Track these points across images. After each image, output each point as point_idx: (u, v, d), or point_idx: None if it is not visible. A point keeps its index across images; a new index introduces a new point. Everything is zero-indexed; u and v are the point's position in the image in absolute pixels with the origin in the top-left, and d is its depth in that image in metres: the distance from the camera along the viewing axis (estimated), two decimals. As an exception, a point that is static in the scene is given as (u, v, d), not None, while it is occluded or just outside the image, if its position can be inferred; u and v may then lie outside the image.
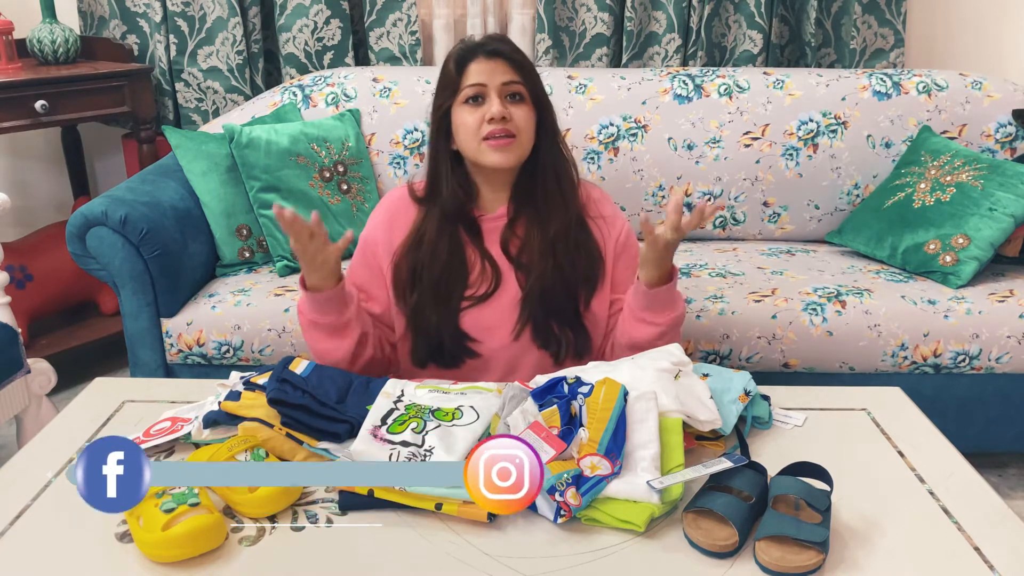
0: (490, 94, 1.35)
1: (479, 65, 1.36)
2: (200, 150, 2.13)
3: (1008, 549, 1.02)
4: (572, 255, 1.42)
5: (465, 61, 1.37)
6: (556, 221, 1.41)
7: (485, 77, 1.35)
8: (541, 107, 1.40)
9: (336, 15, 2.58)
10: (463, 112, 1.36)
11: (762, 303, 1.92)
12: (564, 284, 1.41)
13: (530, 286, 1.41)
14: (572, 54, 2.68)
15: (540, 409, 1.12)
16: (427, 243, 1.41)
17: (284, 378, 1.21)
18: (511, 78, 1.36)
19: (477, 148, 1.36)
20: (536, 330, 1.42)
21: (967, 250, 1.99)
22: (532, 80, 1.38)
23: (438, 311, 1.40)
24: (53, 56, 2.45)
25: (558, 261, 1.41)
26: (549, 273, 1.40)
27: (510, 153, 1.36)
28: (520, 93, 1.37)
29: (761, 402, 1.29)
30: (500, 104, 1.34)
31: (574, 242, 1.42)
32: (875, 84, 2.36)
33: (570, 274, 1.41)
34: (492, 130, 1.34)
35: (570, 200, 1.44)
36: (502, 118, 1.33)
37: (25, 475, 1.15)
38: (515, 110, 1.36)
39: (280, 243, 2.08)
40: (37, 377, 1.93)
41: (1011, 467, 2.16)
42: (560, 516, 1.04)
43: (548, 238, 1.41)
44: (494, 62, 1.36)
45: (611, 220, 1.48)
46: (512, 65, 1.36)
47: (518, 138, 1.36)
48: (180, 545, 0.97)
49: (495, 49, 1.36)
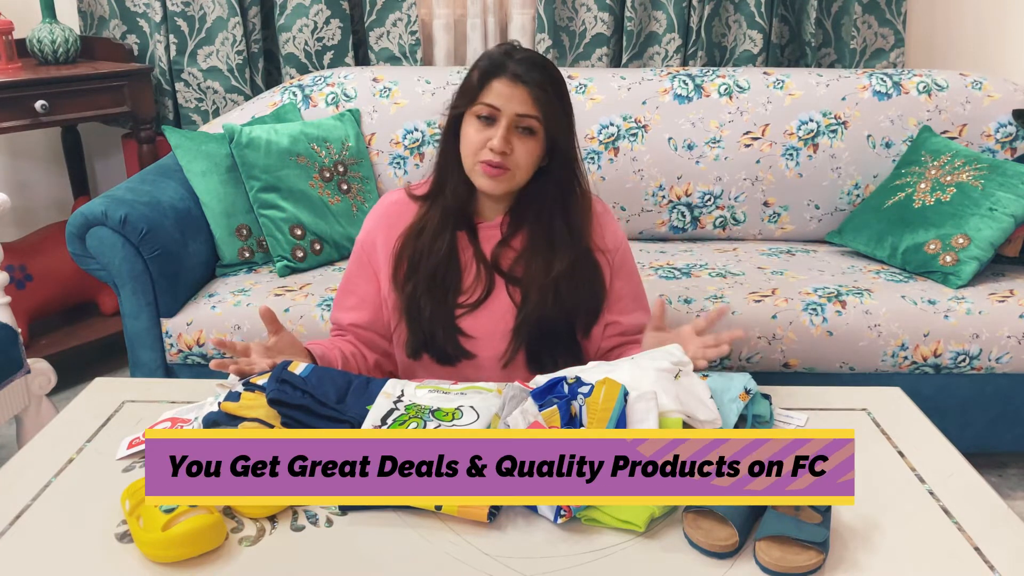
0: (501, 120, 1.31)
1: (500, 86, 1.31)
2: (200, 150, 2.13)
3: (1008, 549, 1.02)
4: (576, 291, 1.41)
5: (489, 77, 1.32)
6: (561, 257, 1.39)
7: (502, 101, 1.31)
8: (556, 139, 1.36)
9: (336, 15, 2.58)
10: (472, 125, 1.34)
11: (762, 303, 1.92)
12: (565, 317, 1.41)
13: (525, 315, 1.40)
14: (572, 54, 2.68)
15: (540, 409, 1.12)
16: (427, 235, 1.41)
17: (284, 378, 1.21)
18: (527, 111, 1.31)
19: (472, 166, 1.35)
20: (530, 356, 1.42)
21: (967, 250, 1.99)
22: (550, 115, 1.33)
23: (432, 303, 1.40)
24: (53, 56, 2.45)
25: (560, 296, 1.39)
26: (550, 306, 1.39)
27: (500, 183, 1.34)
28: (532, 128, 1.33)
29: (762, 401, 1.29)
30: (504, 136, 1.30)
31: (579, 279, 1.41)
32: (875, 84, 2.36)
33: (572, 308, 1.41)
34: (489, 158, 1.32)
35: (577, 235, 1.41)
36: (502, 152, 1.31)
37: (25, 475, 1.16)
38: (520, 144, 1.32)
39: (280, 243, 2.08)
40: (37, 377, 1.93)
41: (1011, 467, 2.16)
42: (560, 516, 1.04)
43: (551, 273, 1.39)
44: (516, 88, 1.31)
45: (612, 248, 1.46)
46: (532, 97, 1.31)
47: (511, 172, 1.33)
48: (180, 545, 0.97)
49: (519, 75, 1.31)
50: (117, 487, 1.09)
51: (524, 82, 1.31)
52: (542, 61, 1.35)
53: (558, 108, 1.35)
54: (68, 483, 1.14)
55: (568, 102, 1.38)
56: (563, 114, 1.36)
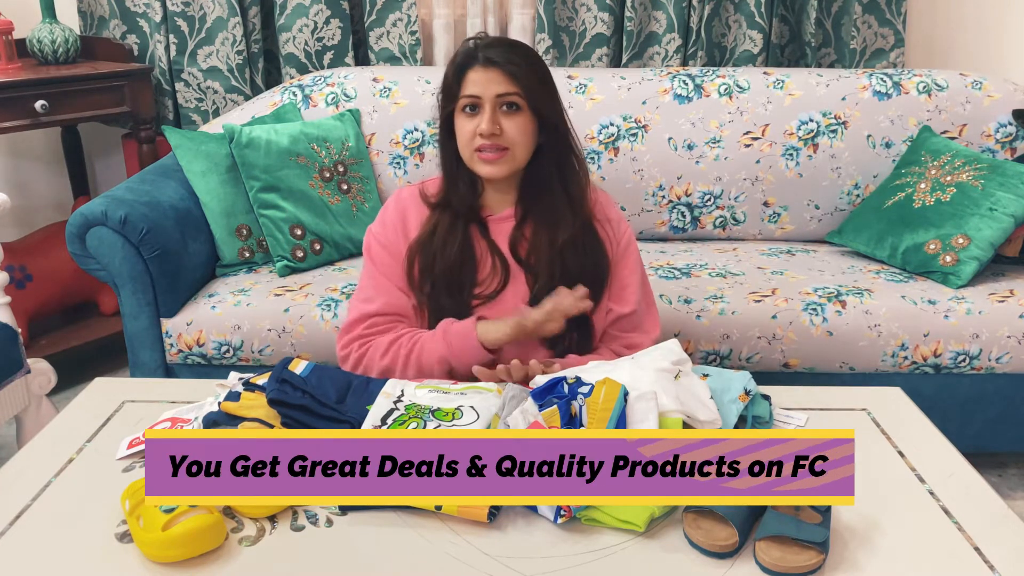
0: (484, 105, 1.35)
1: (476, 74, 1.35)
2: (200, 150, 2.13)
3: (1008, 549, 1.02)
4: (581, 260, 1.43)
5: (463, 69, 1.37)
6: (564, 228, 1.42)
7: (480, 88, 1.35)
8: (542, 111, 1.38)
9: (336, 15, 2.58)
10: (461, 120, 1.38)
11: (762, 303, 1.92)
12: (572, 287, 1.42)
13: (537, 291, 1.42)
14: (572, 54, 2.68)
15: (540, 409, 1.12)
16: (439, 239, 1.43)
17: (284, 378, 1.21)
18: (506, 89, 1.34)
19: (471, 157, 1.38)
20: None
21: (967, 250, 1.99)
22: (530, 87, 1.36)
23: (450, 299, 1.42)
24: (53, 56, 2.45)
25: (567, 267, 1.42)
26: (557, 278, 1.40)
27: (501, 166, 1.37)
28: (516, 103, 1.35)
29: (762, 401, 1.29)
30: (491, 118, 1.34)
31: (583, 247, 1.43)
32: (875, 84, 2.36)
33: (578, 278, 1.41)
34: (482, 144, 1.35)
35: (578, 206, 1.44)
36: (491, 134, 1.34)
37: (25, 475, 1.16)
38: (508, 122, 1.35)
39: (280, 243, 2.08)
40: (37, 377, 1.93)
41: (1011, 467, 2.16)
42: (560, 516, 1.04)
43: (556, 245, 1.42)
44: (490, 72, 1.35)
45: (616, 224, 1.49)
46: (507, 75, 1.34)
47: (510, 151, 1.36)
48: (180, 545, 0.97)
49: (490, 58, 1.35)
50: (117, 487, 1.09)
51: (496, 63, 1.34)
52: (509, 41, 1.40)
53: (535, 79, 1.37)
54: (68, 483, 1.14)
55: (547, 73, 1.40)
56: (542, 84, 1.39)
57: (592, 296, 1.43)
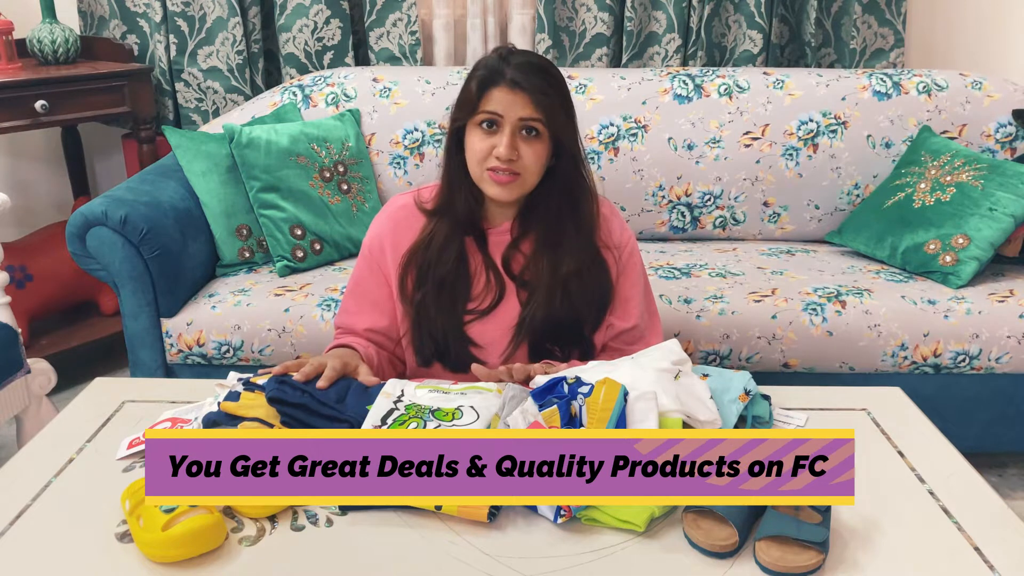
0: (505, 126, 1.30)
1: (500, 94, 1.30)
2: (200, 150, 2.13)
3: (1008, 549, 1.02)
4: (584, 290, 1.40)
5: (488, 85, 1.31)
6: (571, 258, 1.39)
7: (503, 108, 1.30)
8: (561, 138, 1.35)
9: (336, 15, 2.58)
10: (475, 134, 1.33)
11: (762, 303, 1.92)
12: (574, 315, 1.41)
13: (530, 313, 1.39)
14: (572, 54, 2.68)
15: (540, 409, 1.12)
16: (435, 247, 1.40)
17: (283, 378, 1.21)
18: (529, 114, 1.30)
19: (480, 175, 1.34)
20: (532, 354, 1.41)
21: (967, 250, 1.99)
22: (553, 116, 1.32)
23: (442, 313, 1.40)
24: (53, 56, 2.45)
25: (569, 296, 1.39)
26: (558, 306, 1.38)
27: (512, 190, 1.34)
28: (536, 129, 1.32)
29: (761, 402, 1.29)
30: (510, 142, 1.30)
31: (588, 278, 1.40)
32: (875, 84, 2.36)
33: (581, 307, 1.40)
34: (496, 165, 1.31)
35: (587, 233, 1.41)
36: (509, 159, 1.30)
37: (25, 475, 1.16)
38: (526, 147, 1.31)
39: (280, 243, 2.08)
40: (37, 377, 1.93)
41: (1011, 467, 2.16)
42: (560, 516, 1.04)
43: (559, 273, 1.38)
44: (516, 94, 1.29)
45: (618, 244, 1.45)
46: (534, 100, 1.29)
47: (522, 176, 1.33)
48: (180, 545, 0.97)
49: (518, 82, 1.30)
50: (117, 487, 1.09)
51: (523, 88, 1.30)
52: (539, 62, 1.34)
53: (560, 108, 1.34)
54: (68, 483, 1.14)
55: (569, 100, 1.37)
56: (565, 113, 1.35)
57: (594, 322, 1.43)
